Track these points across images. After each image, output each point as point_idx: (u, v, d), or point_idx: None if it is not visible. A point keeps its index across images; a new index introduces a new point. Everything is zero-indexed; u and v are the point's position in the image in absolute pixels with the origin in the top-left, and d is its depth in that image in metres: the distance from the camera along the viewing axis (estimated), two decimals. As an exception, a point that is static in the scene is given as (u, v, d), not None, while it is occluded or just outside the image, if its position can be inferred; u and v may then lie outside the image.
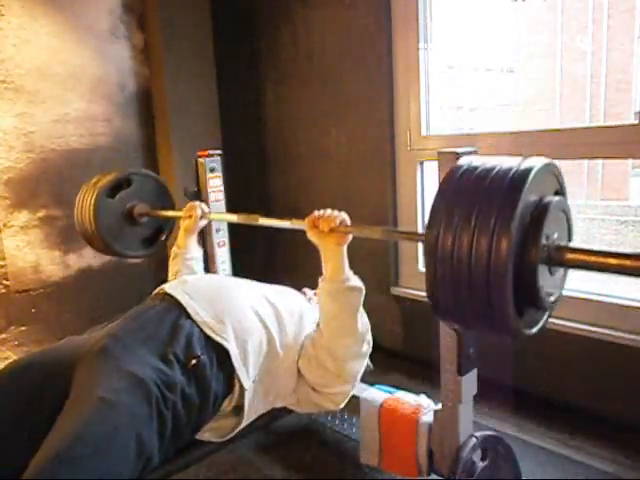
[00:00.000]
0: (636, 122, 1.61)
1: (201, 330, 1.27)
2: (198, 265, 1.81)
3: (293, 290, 1.62)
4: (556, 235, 0.84)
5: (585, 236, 11.02)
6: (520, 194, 0.75)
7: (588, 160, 10.57)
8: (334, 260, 1.34)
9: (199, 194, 2.05)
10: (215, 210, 1.99)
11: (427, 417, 1.29)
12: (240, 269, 2.10)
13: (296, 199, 2.66)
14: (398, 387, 1.44)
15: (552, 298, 0.85)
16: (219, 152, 2.04)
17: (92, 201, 1.80)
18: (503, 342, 1.79)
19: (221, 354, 1.27)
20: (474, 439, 1.21)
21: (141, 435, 1.02)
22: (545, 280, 0.81)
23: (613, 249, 0.79)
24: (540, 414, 1.74)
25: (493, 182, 0.78)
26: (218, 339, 1.27)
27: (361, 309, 1.38)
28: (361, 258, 2.37)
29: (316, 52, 2.43)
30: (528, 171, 0.77)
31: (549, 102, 13.15)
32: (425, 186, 2.19)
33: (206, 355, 1.23)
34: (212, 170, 2.02)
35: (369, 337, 1.40)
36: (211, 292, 1.43)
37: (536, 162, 0.79)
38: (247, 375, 1.29)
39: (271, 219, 1.52)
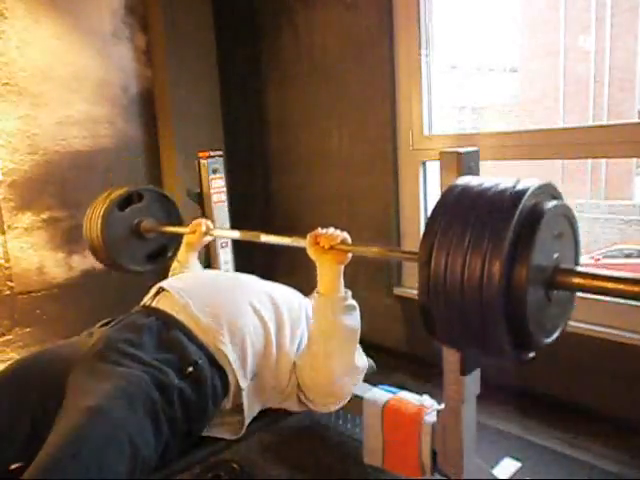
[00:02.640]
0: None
1: (196, 335, 1.28)
2: None
3: (294, 290, 1.62)
4: (556, 255, 0.79)
5: (591, 236, 10.98)
6: (514, 213, 0.72)
7: (592, 159, 10.55)
8: (331, 277, 1.33)
9: (201, 195, 2.06)
10: (218, 210, 2.00)
11: (430, 417, 1.28)
12: (242, 270, 2.10)
13: (299, 199, 2.67)
14: (401, 387, 1.44)
15: (550, 325, 0.81)
16: (219, 153, 2.05)
17: (102, 212, 1.81)
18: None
19: (218, 356, 1.27)
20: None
21: (134, 438, 1.03)
22: (540, 306, 0.77)
23: (621, 274, 0.74)
24: (544, 414, 1.74)
25: (488, 202, 0.75)
26: (215, 342, 1.28)
27: (359, 349, 1.38)
28: (364, 258, 2.38)
29: (318, 53, 2.43)
30: (524, 191, 0.74)
31: (552, 101, 13.13)
32: (427, 186, 2.19)
33: (203, 359, 1.24)
34: (215, 171, 2.03)
35: (362, 366, 1.41)
36: (209, 289, 1.44)
37: (533, 182, 0.76)
38: (244, 375, 1.30)
39: (273, 236, 1.54)
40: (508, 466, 1.44)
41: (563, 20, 12.94)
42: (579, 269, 0.80)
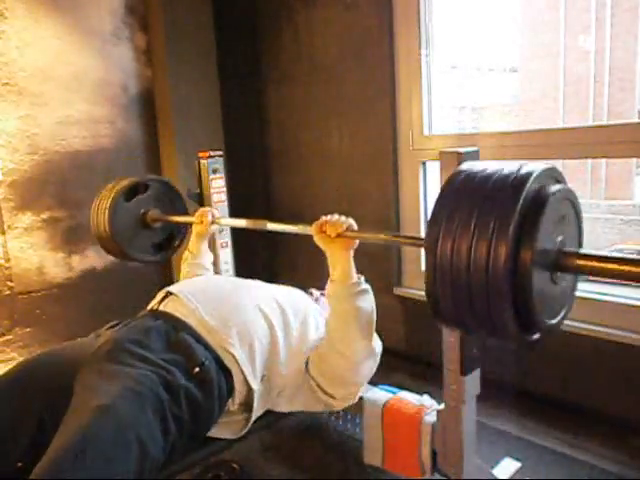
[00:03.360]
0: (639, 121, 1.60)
1: (204, 337, 1.28)
2: (208, 269, 1.83)
3: (299, 290, 1.62)
4: (560, 238, 0.80)
5: (591, 236, 10.98)
6: (519, 197, 0.73)
7: (592, 159, 10.55)
8: (342, 264, 1.34)
9: (201, 195, 2.06)
10: (218, 210, 1.99)
11: (430, 417, 1.28)
12: (243, 270, 2.10)
13: (299, 200, 2.67)
14: (401, 387, 1.44)
15: (555, 307, 0.82)
16: (219, 153, 2.05)
17: (109, 203, 1.82)
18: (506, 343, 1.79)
19: (226, 357, 1.28)
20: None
21: (142, 437, 1.03)
22: (545, 288, 0.78)
23: (623, 255, 0.75)
24: (544, 414, 1.74)
25: (493, 186, 0.76)
26: (224, 345, 1.28)
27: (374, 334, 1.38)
28: (364, 258, 2.37)
29: (318, 53, 2.43)
30: (528, 175, 0.75)
31: (552, 101, 13.12)
32: (427, 185, 2.19)
33: (210, 360, 1.24)
34: (215, 171, 2.03)
35: (378, 349, 1.41)
36: (216, 293, 1.44)
37: (536, 166, 0.77)
38: (254, 376, 1.30)
39: (279, 224, 1.54)
40: (508, 466, 1.44)
41: (563, 20, 12.93)
42: (582, 251, 0.81)
